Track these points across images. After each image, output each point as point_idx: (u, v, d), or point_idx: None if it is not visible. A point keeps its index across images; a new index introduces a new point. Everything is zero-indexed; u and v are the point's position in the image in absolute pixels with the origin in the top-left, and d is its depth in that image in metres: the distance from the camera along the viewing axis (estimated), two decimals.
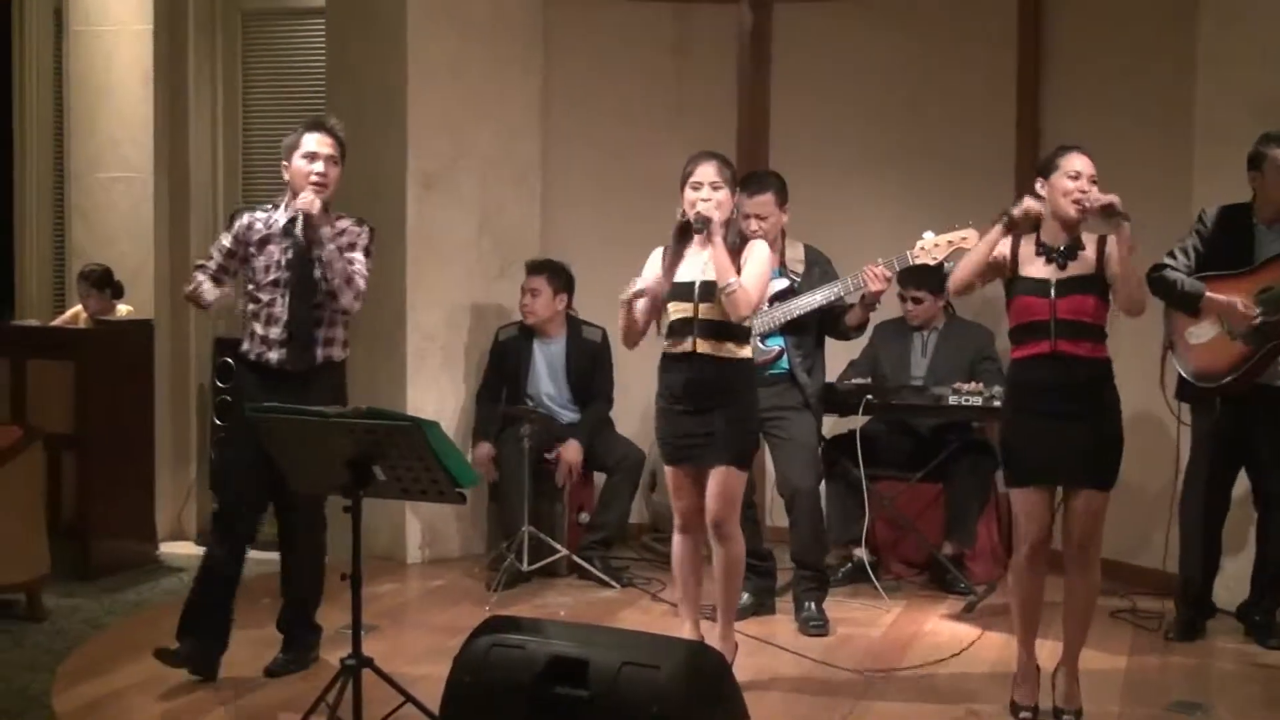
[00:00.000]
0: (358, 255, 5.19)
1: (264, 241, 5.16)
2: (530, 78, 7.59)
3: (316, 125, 5.21)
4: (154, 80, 7.84)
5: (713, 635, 4.99)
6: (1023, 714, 4.77)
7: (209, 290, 5.22)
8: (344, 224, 5.21)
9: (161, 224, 7.88)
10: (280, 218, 5.18)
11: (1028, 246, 4.73)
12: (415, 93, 7.12)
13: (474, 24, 7.31)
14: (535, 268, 6.98)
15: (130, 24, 7.89)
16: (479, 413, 7.08)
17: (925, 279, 6.50)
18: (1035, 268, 4.68)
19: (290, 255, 5.13)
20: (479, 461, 6.84)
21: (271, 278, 5.13)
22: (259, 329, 5.14)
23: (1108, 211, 4.56)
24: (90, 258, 7.76)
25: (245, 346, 5.21)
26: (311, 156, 5.11)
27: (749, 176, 6.06)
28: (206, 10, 8.12)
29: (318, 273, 5.11)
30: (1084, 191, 4.59)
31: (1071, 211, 4.62)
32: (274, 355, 5.11)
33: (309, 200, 5.04)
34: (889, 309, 6.70)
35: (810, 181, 6.29)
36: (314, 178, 5.09)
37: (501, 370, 7.06)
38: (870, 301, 5.78)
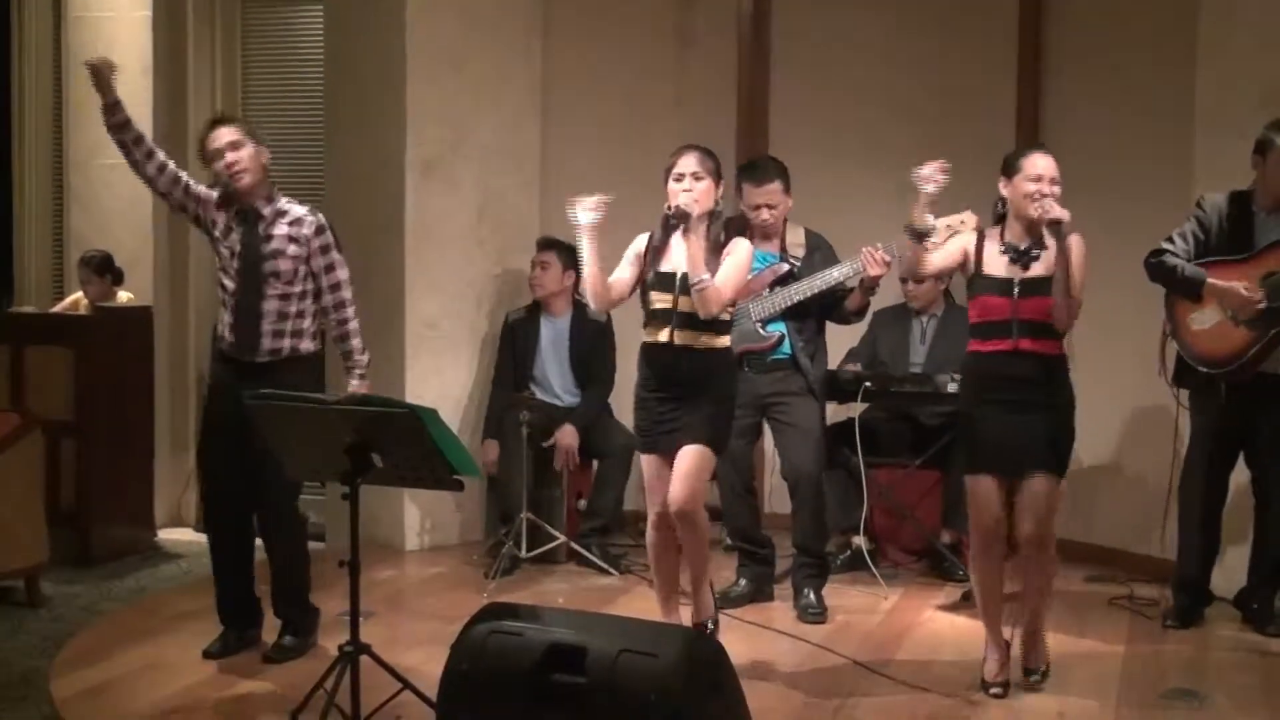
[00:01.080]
0: (336, 256, 5.24)
1: (230, 229, 5.18)
2: (530, 66, 7.58)
3: (211, 124, 5.27)
4: (153, 67, 7.83)
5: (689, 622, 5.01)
6: (993, 690, 4.87)
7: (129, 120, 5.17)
8: (299, 212, 5.22)
9: (160, 211, 7.84)
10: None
11: (992, 245, 4.82)
12: (415, 80, 7.10)
13: (474, 12, 7.30)
14: (546, 243, 6.99)
15: (129, 10, 7.88)
16: (494, 402, 7.08)
17: None
18: (998, 266, 4.77)
19: (239, 246, 5.16)
20: (486, 461, 6.85)
21: (237, 265, 5.15)
22: (225, 316, 5.20)
23: (1052, 227, 4.63)
24: (89, 245, 7.76)
25: (217, 331, 5.28)
26: (217, 153, 5.14)
27: (751, 165, 6.05)
28: None
29: (268, 266, 5.13)
30: (1043, 195, 4.66)
31: (1032, 213, 4.68)
32: (226, 341, 5.19)
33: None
34: (889, 295, 6.70)
35: (809, 169, 6.28)
36: (227, 170, 5.11)
37: (510, 352, 7.08)
38: (869, 285, 5.77)
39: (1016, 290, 4.70)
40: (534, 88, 7.60)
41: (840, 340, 6.57)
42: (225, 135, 5.16)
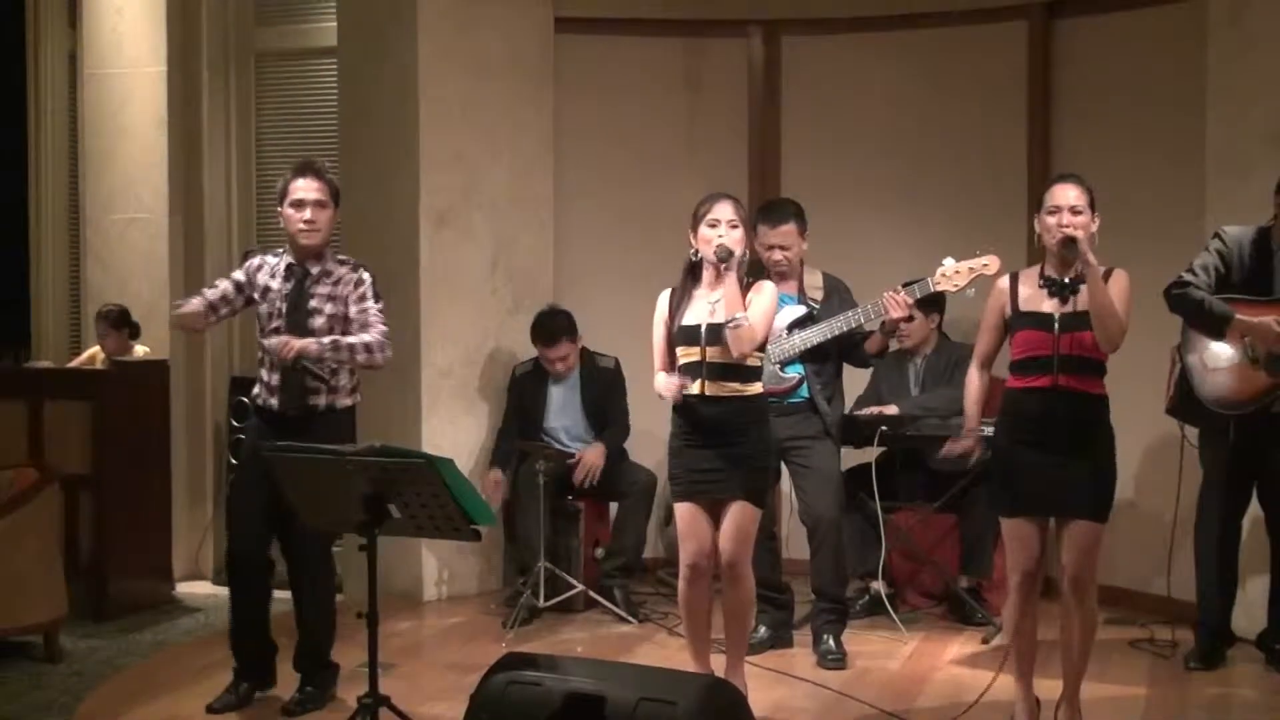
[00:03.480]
0: (371, 305, 5.22)
1: (267, 289, 5.23)
2: (542, 115, 7.62)
3: (303, 169, 5.24)
4: (168, 122, 7.88)
5: (721, 671, 4.97)
6: None
7: (194, 306, 5.22)
8: (341, 272, 5.24)
9: (176, 264, 7.91)
10: (279, 263, 5.24)
11: (1028, 282, 4.74)
12: (427, 131, 7.15)
13: (485, 63, 7.34)
14: (556, 335, 6.92)
15: (144, 66, 7.94)
16: (499, 445, 7.11)
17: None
18: (1039, 302, 4.69)
19: (286, 305, 5.19)
20: (488, 486, 6.85)
21: (274, 325, 5.19)
22: (264, 374, 5.23)
23: (1065, 246, 4.59)
24: (106, 298, 7.79)
25: (255, 390, 5.30)
26: (299, 204, 5.16)
27: (768, 206, 6.08)
28: (220, 51, 8.17)
29: (313, 321, 5.16)
30: (1062, 226, 4.60)
31: (1052, 246, 4.65)
32: (273, 400, 5.19)
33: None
34: None
35: (822, 212, 6.30)
36: (302, 225, 5.14)
37: (519, 404, 7.09)
38: (890, 329, 5.75)
39: (1057, 325, 4.62)
40: (546, 136, 7.64)
41: (852, 386, 6.55)
42: (315, 191, 5.17)
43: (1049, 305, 4.65)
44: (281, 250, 5.33)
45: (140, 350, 7.67)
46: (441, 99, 7.19)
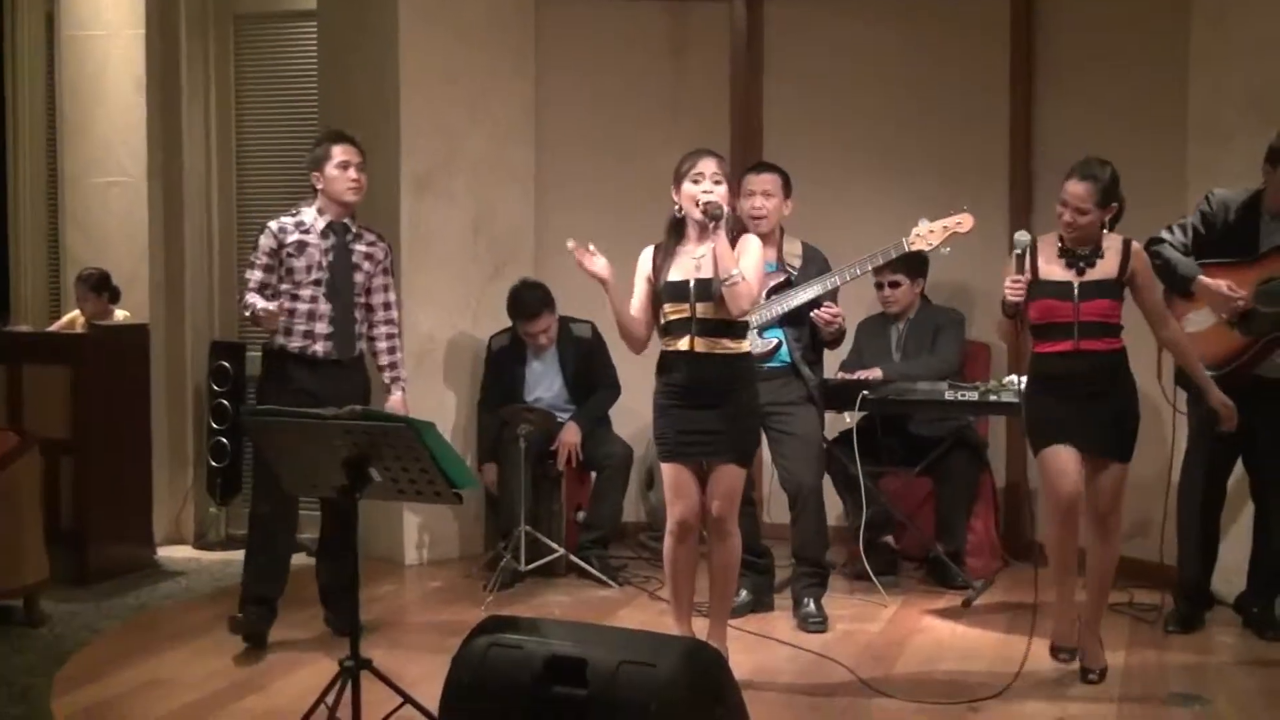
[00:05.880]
0: (391, 280, 5.85)
1: (301, 245, 5.55)
2: (523, 79, 7.60)
3: (339, 136, 5.69)
4: (147, 84, 7.82)
5: (704, 634, 4.98)
6: (1062, 655, 5.16)
7: (269, 308, 5.45)
8: (371, 236, 5.77)
9: (156, 228, 7.87)
10: (312, 221, 5.62)
11: (1048, 251, 4.99)
12: (408, 95, 7.12)
13: (466, 26, 7.31)
14: (539, 308, 6.90)
15: (122, 28, 7.88)
16: (482, 426, 7.10)
17: (901, 263, 6.40)
18: (1057, 270, 4.96)
19: (331, 257, 5.59)
20: (487, 483, 6.91)
21: (314, 277, 5.58)
22: (303, 325, 5.57)
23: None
24: (85, 263, 7.75)
25: (289, 342, 5.57)
26: (345, 165, 5.60)
27: (754, 164, 6.14)
28: (199, 14, 8.10)
29: (355, 275, 5.66)
30: (1068, 224, 4.91)
31: (1063, 232, 4.96)
32: (320, 348, 5.57)
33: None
34: (870, 305, 6.80)
35: (804, 178, 6.29)
36: (351, 183, 5.60)
37: (498, 378, 7.08)
38: (824, 337, 5.90)
39: (1076, 293, 4.90)
40: (527, 100, 7.62)
41: (834, 352, 6.56)
42: (358, 154, 5.65)
43: (1066, 274, 4.94)
44: (296, 211, 5.67)
45: (120, 314, 7.64)
46: (422, 64, 7.15)
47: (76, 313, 7.73)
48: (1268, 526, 5.69)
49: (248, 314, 5.56)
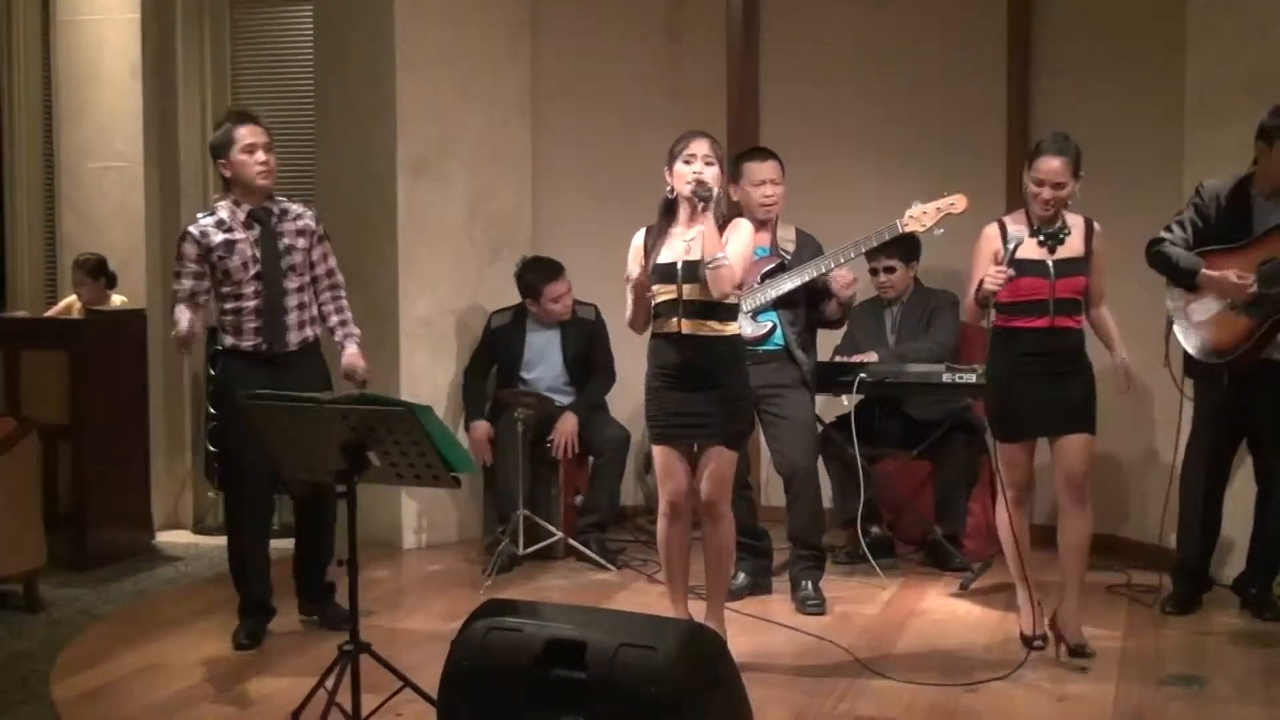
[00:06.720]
0: (334, 259, 5.62)
1: (230, 245, 5.31)
2: (519, 63, 7.58)
3: (243, 117, 5.42)
4: (142, 69, 7.82)
5: (701, 616, 4.99)
6: (1035, 643, 5.17)
7: (193, 323, 5.30)
8: (294, 208, 5.50)
9: (152, 213, 7.86)
10: (230, 216, 5.35)
11: (1017, 230, 5.06)
12: (404, 79, 7.10)
13: (463, 9, 7.30)
14: (558, 269, 6.92)
15: (118, 13, 7.87)
16: (468, 391, 7.09)
17: (895, 248, 6.41)
18: (1029, 249, 5.01)
19: (259, 249, 5.34)
20: (476, 442, 6.84)
21: (253, 272, 5.34)
22: (237, 320, 5.35)
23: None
24: (81, 248, 7.75)
25: (240, 342, 5.38)
26: (252, 148, 5.32)
27: (750, 150, 6.12)
28: None
29: (291, 258, 5.40)
30: (1046, 201, 4.97)
31: (1040, 211, 5.01)
32: (250, 342, 5.37)
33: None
34: (863, 291, 6.77)
35: (801, 161, 6.28)
36: (260, 166, 5.32)
37: (494, 354, 7.07)
38: (843, 299, 5.90)
39: (1052, 271, 4.99)
40: (524, 84, 7.60)
41: (828, 337, 6.56)
42: (264, 134, 5.37)
43: (1039, 253, 5.00)
44: (212, 209, 5.41)
45: (117, 299, 7.64)
46: (418, 46, 7.14)
47: (73, 298, 7.73)
48: (1268, 509, 5.68)
49: (174, 333, 5.34)
